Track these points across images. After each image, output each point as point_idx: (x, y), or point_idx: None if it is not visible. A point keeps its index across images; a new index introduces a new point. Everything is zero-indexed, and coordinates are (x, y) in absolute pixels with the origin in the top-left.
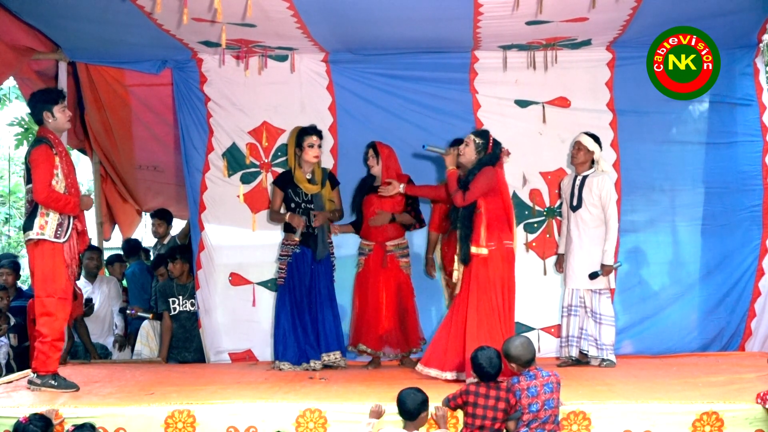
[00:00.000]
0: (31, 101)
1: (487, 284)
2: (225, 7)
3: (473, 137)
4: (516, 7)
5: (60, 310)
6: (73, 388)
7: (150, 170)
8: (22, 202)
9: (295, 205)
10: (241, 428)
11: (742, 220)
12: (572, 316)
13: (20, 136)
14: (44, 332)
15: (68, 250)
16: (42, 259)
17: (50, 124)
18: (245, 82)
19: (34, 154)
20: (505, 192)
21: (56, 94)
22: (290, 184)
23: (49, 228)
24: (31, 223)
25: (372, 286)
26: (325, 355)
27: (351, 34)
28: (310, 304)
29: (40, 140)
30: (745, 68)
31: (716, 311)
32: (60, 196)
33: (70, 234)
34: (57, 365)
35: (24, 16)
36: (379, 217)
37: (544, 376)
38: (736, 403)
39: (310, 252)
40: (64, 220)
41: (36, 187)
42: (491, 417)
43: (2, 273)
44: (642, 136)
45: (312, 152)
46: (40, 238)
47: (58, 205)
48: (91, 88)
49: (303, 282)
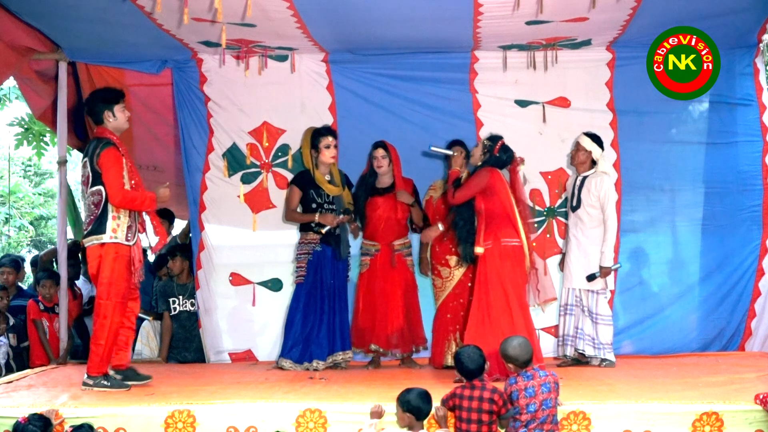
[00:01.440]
0: (91, 101)
1: (485, 283)
2: (225, 7)
3: (483, 139)
4: (516, 7)
5: (116, 313)
6: (125, 387)
7: (150, 170)
8: (22, 202)
9: (317, 206)
10: (241, 428)
11: (742, 220)
12: (568, 315)
13: (20, 136)
14: (99, 335)
15: (134, 253)
16: (108, 262)
17: (110, 124)
18: (245, 82)
19: (103, 157)
20: (503, 192)
21: (116, 94)
22: (311, 185)
23: (121, 231)
24: (102, 227)
25: (381, 286)
26: (340, 354)
27: (351, 34)
28: (331, 303)
29: (106, 143)
30: (745, 68)
31: (716, 311)
32: (136, 194)
33: (137, 237)
34: (107, 366)
35: (24, 16)
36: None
37: (541, 376)
38: (736, 404)
39: (330, 250)
40: (133, 223)
41: (110, 191)
42: (476, 419)
43: (3, 272)
44: (642, 136)
45: (329, 153)
46: (110, 242)
47: (135, 204)
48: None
49: (325, 280)
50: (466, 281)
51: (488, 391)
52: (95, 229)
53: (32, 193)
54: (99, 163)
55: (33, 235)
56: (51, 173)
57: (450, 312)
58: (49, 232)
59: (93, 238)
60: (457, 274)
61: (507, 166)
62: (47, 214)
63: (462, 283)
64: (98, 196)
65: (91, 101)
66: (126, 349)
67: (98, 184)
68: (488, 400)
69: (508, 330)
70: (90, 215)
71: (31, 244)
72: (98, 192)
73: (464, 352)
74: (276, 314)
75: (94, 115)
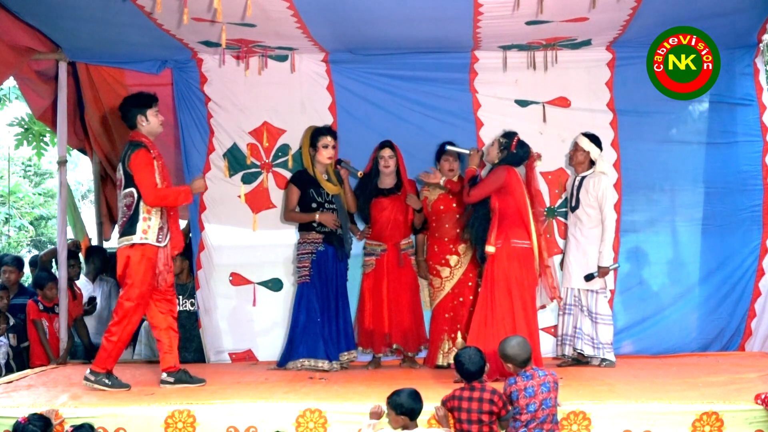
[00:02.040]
0: (124, 106)
1: (491, 283)
2: (225, 7)
3: (499, 136)
4: (516, 7)
5: (135, 314)
6: (125, 387)
7: None
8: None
9: (317, 206)
10: (241, 428)
11: (742, 220)
12: (567, 314)
13: (20, 136)
14: (114, 331)
15: (163, 255)
16: (134, 263)
17: (143, 128)
18: (245, 82)
19: (134, 159)
20: (518, 192)
21: (149, 99)
22: (311, 184)
23: (152, 232)
24: (133, 228)
25: (390, 286)
26: (345, 354)
27: (351, 34)
28: (336, 303)
29: (137, 145)
30: (745, 68)
31: (716, 311)
32: (169, 191)
33: (168, 239)
34: (113, 365)
35: (24, 16)
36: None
37: (540, 376)
38: (736, 403)
39: (332, 250)
40: (164, 224)
41: (144, 191)
42: (476, 419)
43: (6, 271)
44: (642, 136)
45: (326, 153)
46: (140, 243)
47: (169, 200)
48: (91, 88)
49: (330, 280)
50: (466, 280)
51: (488, 393)
52: (126, 231)
53: (32, 193)
54: (130, 165)
55: (33, 235)
56: (51, 173)
57: (450, 311)
58: (49, 232)
59: (124, 239)
60: (457, 273)
61: (524, 162)
62: (47, 214)
63: (462, 282)
64: (130, 198)
65: (125, 106)
66: (171, 352)
67: (130, 186)
68: (488, 401)
69: (510, 332)
70: (123, 217)
71: (31, 244)
72: (130, 194)
73: (465, 353)
74: (276, 314)
75: (128, 119)
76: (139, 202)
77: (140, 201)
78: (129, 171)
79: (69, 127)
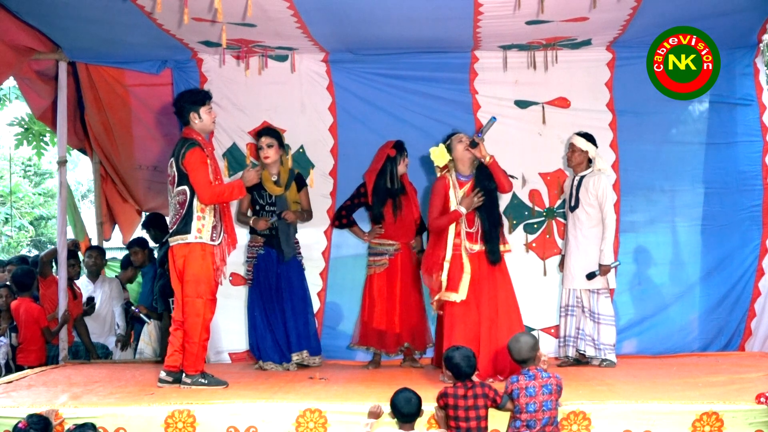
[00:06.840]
0: (178, 103)
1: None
2: (225, 7)
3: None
4: (517, 7)
5: (207, 311)
6: (222, 384)
7: (150, 170)
8: (22, 202)
9: (259, 207)
10: (241, 428)
11: (742, 220)
12: (569, 316)
13: (20, 136)
14: (192, 333)
15: (219, 253)
16: (194, 261)
17: (196, 125)
18: (245, 82)
19: (189, 157)
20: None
21: (203, 96)
22: (256, 186)
23: (206, 231)
24: (188, 227)
25: (402, 285)
26: (296, 354)
27: (351, 34)
28: (281, 305)
29: (192, 143)
30: (745, 68)
31: (716, 311)
32: (223, 187)
33: (222, 237)
34: (203, 364)
35: (24, 16)
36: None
37: (543, 378)
38: (736, 403)
39: (274, 253)
40: (218, 223)
41: (199, 190)
42: (474, 416)
43: (10, 270)
44: (642, 137)
45: (262, 153)
46: (195, 242)
47: (224, 196)
48: (91, 88)
49: (270, 283)
50: None
51: (479, 387)
52: (180, 229)
53: (32, 193)
54: (184, 163)
55: (33, 235)
56: (51, 173)
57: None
58: (49, 232)
59: (178, 237)
60: None
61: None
62: (47, 214)
63: None
64: (183, 196)
65: (178, 103)
66: (182, 351)
67: (183, 184)
68: (482, 396)
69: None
70: (176, 214)
71: (31, 244)
72: (183, 192)
73: (459, 353)
74: None
75: (182, 116)
76: (192, 200)
77: (193, 199)
78: (183, 169)
79: (69, 127)
